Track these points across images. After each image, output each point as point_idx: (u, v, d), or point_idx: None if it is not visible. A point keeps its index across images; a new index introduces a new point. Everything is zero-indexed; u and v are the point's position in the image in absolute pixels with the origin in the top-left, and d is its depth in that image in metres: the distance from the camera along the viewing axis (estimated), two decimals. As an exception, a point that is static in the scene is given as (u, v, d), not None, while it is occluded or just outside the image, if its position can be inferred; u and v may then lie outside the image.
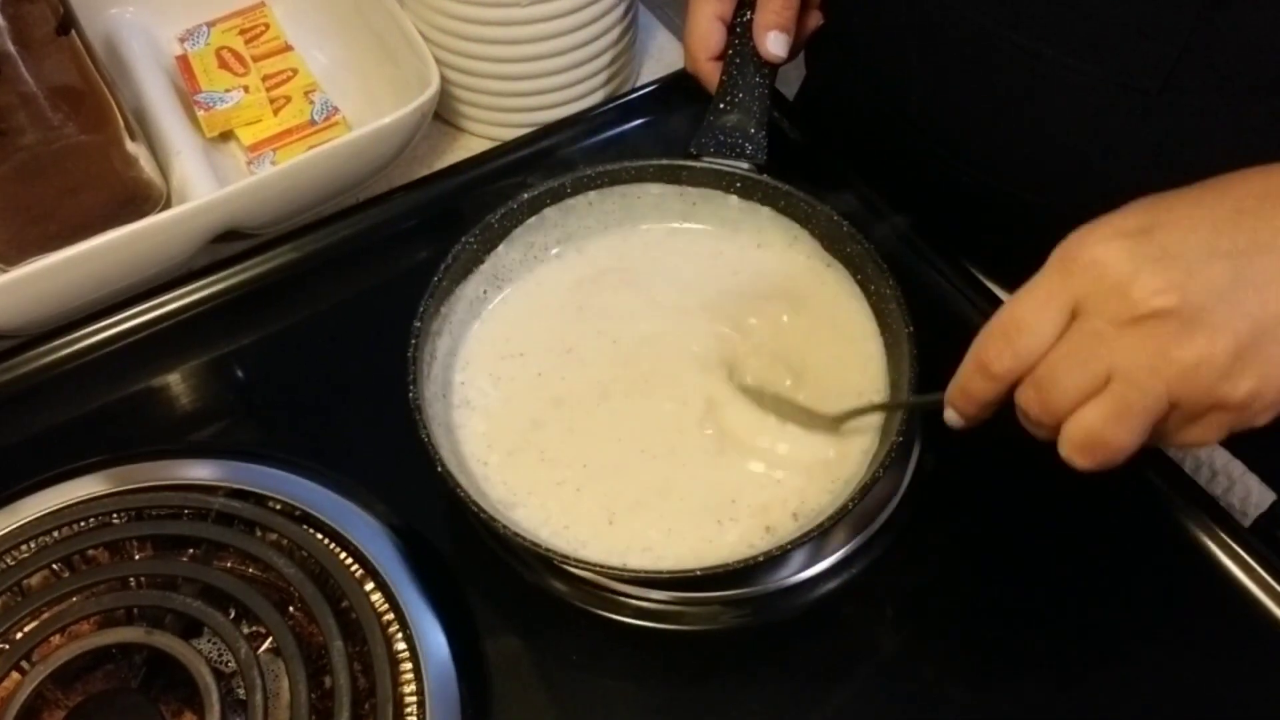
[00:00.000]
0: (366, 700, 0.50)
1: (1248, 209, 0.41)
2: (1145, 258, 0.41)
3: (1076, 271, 0.42)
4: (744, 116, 0.66)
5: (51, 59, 0.72)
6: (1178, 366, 0.40)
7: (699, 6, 0.68)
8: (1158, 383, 0.41)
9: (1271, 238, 0.41)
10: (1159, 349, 0.40)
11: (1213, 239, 0.41)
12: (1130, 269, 0.40)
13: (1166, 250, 0.41)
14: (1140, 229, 0.41)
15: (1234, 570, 0.55)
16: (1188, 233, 0.41)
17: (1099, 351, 0.41)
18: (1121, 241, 0.41)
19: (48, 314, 0.66)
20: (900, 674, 0.54)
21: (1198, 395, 0.41)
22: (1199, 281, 0.40)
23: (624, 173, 0.65)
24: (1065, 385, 0.42)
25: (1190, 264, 0.40)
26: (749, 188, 0.64)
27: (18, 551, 0.56)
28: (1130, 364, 0.41)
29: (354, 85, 0.83)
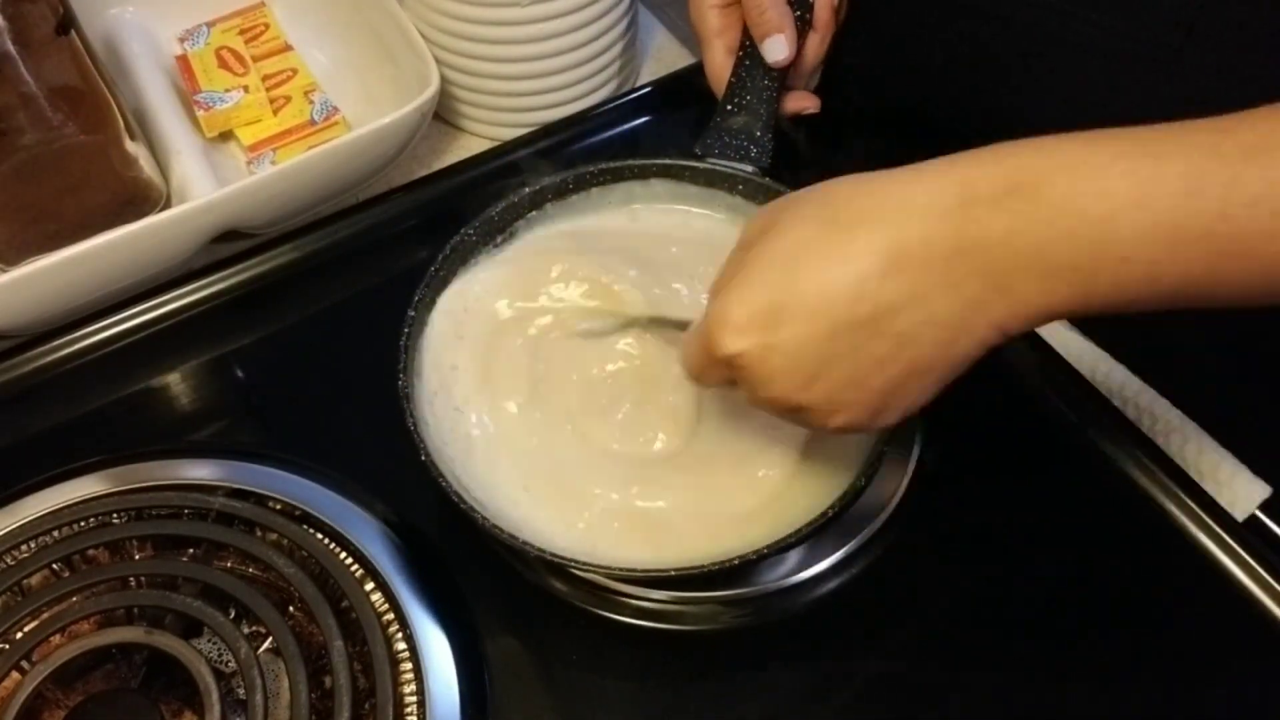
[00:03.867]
0: (367, 700, 0.50)
1: (869, 293, 0.43)
2: (773, 363, 0.45)
3: (722, 359, 0.46)
4: (750, 119, 0.66)
5: (51, 59, 0.72)
6: (829, 429, 0.47)
7: (711, 43, 0.69)
8: (818, 430, 0.49)
9: (885, 321, 0.43)
10: (807, 422, 0.48)
11: (831, 341, 0.44)
12: (762, 374, 0.45)
13: (790, 357, 0.45)
14: (768, 325, 0.44)
15: (1229, 566, 0.55)
16: (809, 337, 0.44)
17: (763, 408, 0.48)
18: (752, 342, 0.45)
19: (48, 314, 0.66)
20: (900, 674, 0.54)
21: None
22: (824, 384, 0.45)
23: (627, 170, 0.65)
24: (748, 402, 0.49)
25: (813, 368, 0.45)
26: (752, 190, 0.64)
27: (18, 551, 0.56)
28: (785, 418, 0.49)
29: (354, 85, 0.83)
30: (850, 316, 0.43)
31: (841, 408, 0.46)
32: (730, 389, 0.50)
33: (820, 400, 0.45)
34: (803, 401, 0.46)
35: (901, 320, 0.43)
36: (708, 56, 0.69)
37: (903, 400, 0.46)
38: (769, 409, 0.48)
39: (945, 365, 0.45)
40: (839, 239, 0.44)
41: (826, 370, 0.44)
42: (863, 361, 0.44)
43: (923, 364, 0.44)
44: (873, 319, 0.43)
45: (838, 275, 0.43)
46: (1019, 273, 0.42)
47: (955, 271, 0.42)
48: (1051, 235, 0.41)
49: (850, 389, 0.45)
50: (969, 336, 0.44)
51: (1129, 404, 0.62)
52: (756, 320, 0.45)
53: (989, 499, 0.59)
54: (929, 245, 0.42)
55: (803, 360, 0.44)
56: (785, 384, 0.45)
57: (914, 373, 0.45)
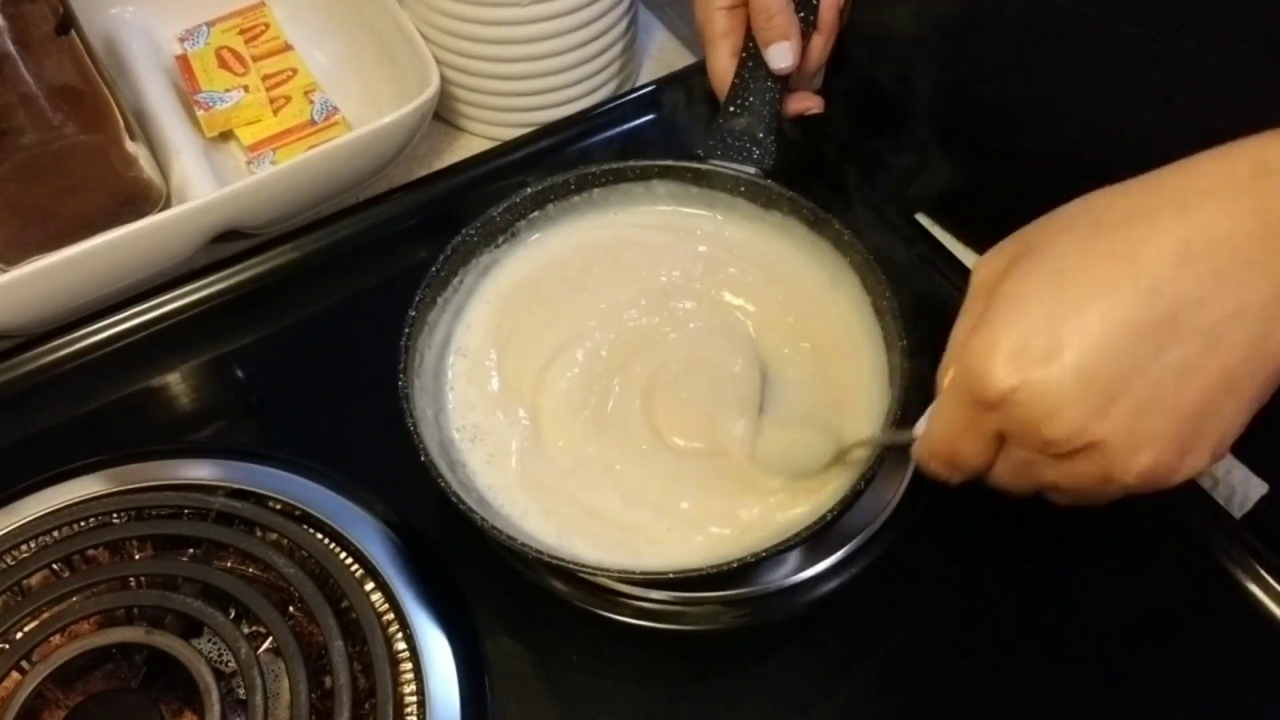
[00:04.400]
0: (366, 700, 0.50)
1: (1163, 286, 0.37)
2: (1059, 391, 0.38)
3: (990, 406, 0.40)
4: (753, 120, 0.66)
5: (51, 59, 0.72)
6: (1129, 479, 0.40)
7: (717, 44, 0.68)
8: (1109, 491, 0.41)
9: (1185, 317, 0.38)
10: (1102, 472, 0.40)
11: (1127, 348, 0.38)
12: (1046, 407, 0.38)
13: (1080, 376, 0.38)
14: (1048, 350, 0.38)
15: (1227, 563, 0.55)
16: (1098, 347, 0.38)
17: (1039, 472, 0.42)
18: (1030, 373, 0.38)
19: (48, 314, 0.66)
20: (900, 673, 0.54)
21: (1150, 490, 0.41)
22: (1124, 405, 0.38)
23: (629, 171, 0.65)
24: (1019, 490, 0.44)
25: (1108, 387, 0.38)
26: (754, 191, 0.64)
27: (18, 551, 0.56)
28: (1077, 484, 0.41)
29: (354, 85, 0.83)
30: (1148, 315, 0.37)
31: (1145, 441, 0.38)
32: (987, 469, 0.44)
33: (1121, 431, 0.38)
34: (1100, 434, 0.38)
35: (1207, 314, 0.37)
36: (712, 58, 0.69)
37: (1215, 425, 0.39)
38: (1050, 467, 0.41)
39: (1262, 372, 0.38)
40: (1116, 236, 0.38)
41: (1126, 388, 0.38)
42: (1167, 371, 0.37)
43: (1236, 370, 0.38)
44: (1173, 316, 0.37)
45: (1124, 273, 0.37)
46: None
47: (1263, 251, 0.37)
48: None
49: (1153, 411, 0.38)
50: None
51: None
52: (1034, 343, 0.38)
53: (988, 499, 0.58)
54: (1230, 224, 0.37)
55: (1096, 378, 0.37)
56: (1078, 412, 0.38)
57: (1227, 383, 0.38)
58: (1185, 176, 0.39)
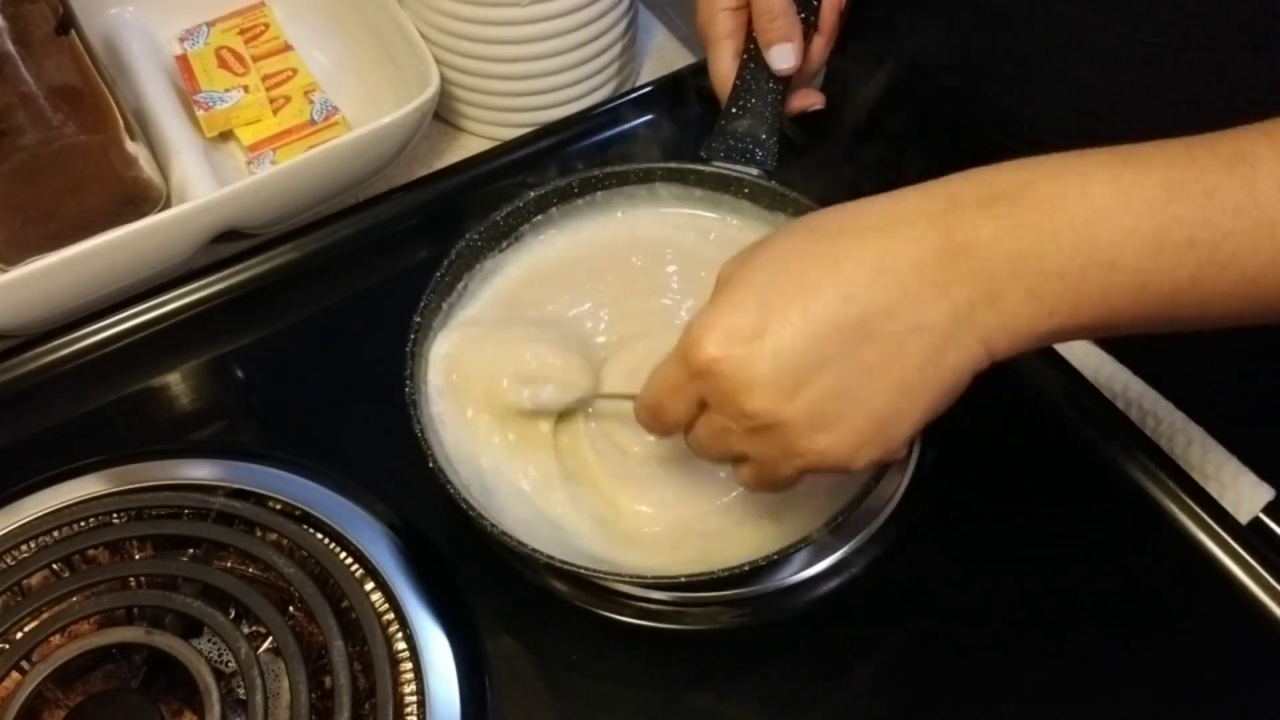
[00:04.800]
0: (366, 700, 0.50)
1: (858, 294, 0.42)
2: (756, 369, 0.42)
3: (696, 373, 0.44)
4: (755, 122, 0.66)
5: (51, 59, 0.72)
6: (808, 457, 0.44)
7: (720, 45, 0.68)
8: (790, 465, 0.45)
9: (875, 323, 0.42)
10: (785, 447, 0.44)
11: (821, 343, 0.42)
12: (743, 381, 0.43)
13: (777, 359, 0.42)
14: (753, 332, 0.42)
15: (1232, 568, 0.55)
16: (796, 337, 0.42)
17: (730, 440, 0.46)
18: (734, 349, 0.42)
19: (48, 314, 0.66)
20: (900, 673, 0.54)
21: (827, 470, 0.45)
22: (811, 391, 0.42)
23: (632, 174, 0.65)
24: (711, 454, 0.48)
25: (799, 373, 0.42)
26: (757, 193, 0.64)
27: (18, 551, 0.56)
28: (762, 455, 0.46)
29: (354, 85, 0.83)
30: (840, 318, 0.42)
31: (824, 425, 0.43)
32: (685, 428, 0.48)
33: (804, 413, 0.43)
34: (787, 413, 0.43)
35: (892, 323, 0.42)
36: (714, 59, 0.69)
37: (891, 424, 0.44)
38: (739, 438, 0.45)
39: (934, 384, 0.43)
40: (825, 246, 0.43)
41: (814, 376, 0.42)
42: (852, 368, 0.42)
43: (913, 378, 0.43)
44: (862, 321, 0.42)
45: (826, 279, 0.42)
46: (1007, 279, 0.41)
47: (944, 274, 0.42)
48: (1037, 239, 0.41)
49: (836, 400, 0.43)
50: (957, 350, 0.42)
51: (1133, 406, 0.62)
52: (743, 325, 0.43)
53: (989, 499, 0.59)
54: (917, 248, 0.42)
55: (788, 365, 0.42)
56: (769, 391, 0.42)
57: (905, 388, 0.43)
58: (893, 204, 0.44)
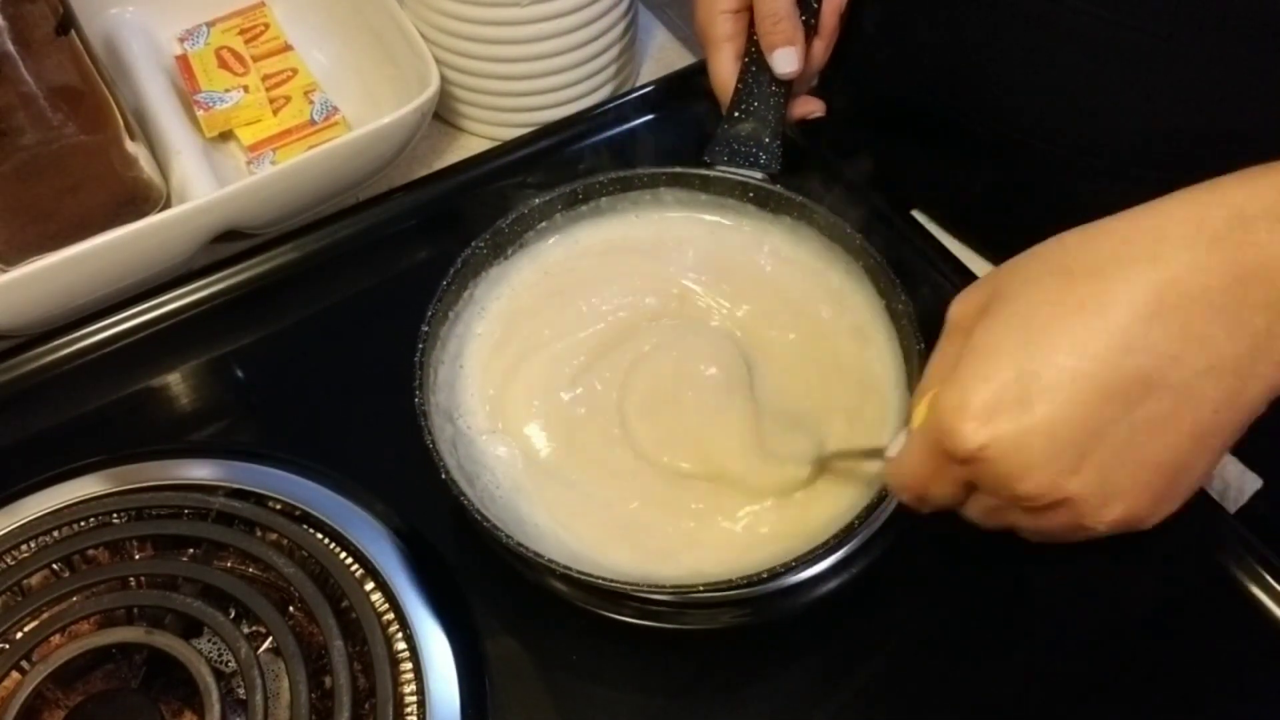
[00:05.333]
0: (366, 700, 0.50)
1: (1135, 344, 0.37)
2: (1030, 449, 0.38)
3: (959, 457, 0.39)
4: (758, 125, 0.66)
5: (51, 59, 0.72)
6: (1099, 530, 0.40)
7: (720, 48, 0.68)
8: (1079, 537, 0.41)
9: (1158, 374, 0.37)
10: (1073, 522, 0.40)
11: (1098, 406, 0.37)
12: (1017, 465, 0.38)
13: (1052, 435, 0.37)
14: (1018, 406, 0.37)
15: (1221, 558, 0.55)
16: (1071, 406, 0.37)
17: (1008, 517, 0.42)
18: (999, 430, 0.38)
19: (48, 314, 0.66)
20: (900, 673, 0.54)
21: (1122, 533, 0.41)
22: (1096, 461, 0.38)
23: (636, 179, 0.64)
24: (988, 527, 0.44)
25: (1080, 445, 0.37)
26: (762, 197, 0.64)
27: (18, 551, 0.56)
28: (1047, 531, 0.41)
29: (354, 85, 0.83)
30: (1119, 374, 0.37)
31: (1117, 494, 0.38)
32: (957, 507, 0.44)
33: (1092, 486, 0.38)
34: (1072, 490, 0.38)
35: (1181, 370, 0.37)
36: (715, 62, 0.69)
37: (1185, 476, 0.39)
38: (1021, 515, 0.41)
39: (1232, 425, 0.38)
40: (1088, 289, 0.38)
41: (1097, 444, 0.37)
42: (1139, 427, 0.37)
43: (1207, 424, 0.38)
44: (1145, 374, 0.36)
45: (1096, 329, 0.37)
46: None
47: (1237, 305, 0.37)
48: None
49: (1125, 467, 0.38)
50: (1256, 384, 0.37)
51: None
52: (1004, 400, 0.37)
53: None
54: (1203, 278, 0.36)
55: (1067, 437, 0.37)
56: (1049, 471, 0.37)
57: (1199, 437, 0.38)
58: (1158, 223, 0.38)
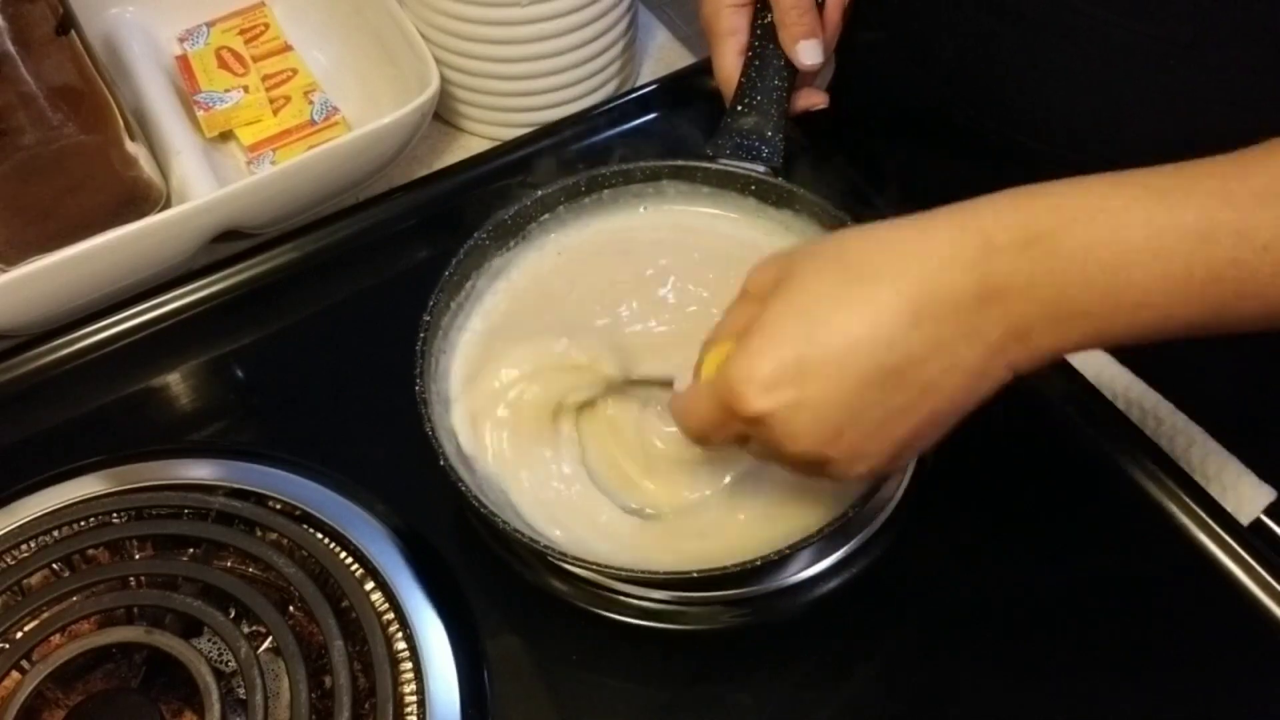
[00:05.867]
0: (367, 699, 0.50)
1: (896, 344, 0.43)
2: (799, 422, 0.44)
3: (744, 419, 0.45)
4: (761, 119, 0.66)
5: (51, 59, 0.72)
6: (847, 478, 0.47)
7: (724, 42, 0.68)
8: (829, 480, 0.48)
9: (910, 372, 0.43)
10: (825, 473, 0.47)
11: (859, 394, 0.43)
12: (787, 433, 0.45)
13: (818, 413, 0.44)
14: (795, 385, 0.44)
15: (1234, 570, 0.55)
16: (837, 392, 0.43)
17: (774, 459, 0.48)
18: (777, 402, 0.44)
19: (48, 314, 0.66)
20: (900, 673, 0.54)
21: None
22: (850, 435, 0.45)
23: (639, 172, 0.65)
24: (756, 457, 0.51)
25: (839, 423, 0.44)
26: (764, 190, 0.64)
27: (18, 551, 0.56)
28: (804, 473, 0.48)
29: (354, 85, 0.83)
30: (878, 368, 0.43)
31: (864, 457, 0.46)
32: (735, 447, 0.50)
33: (845, 452, 0.45)
34: (829, 455, 0.45)
35: (928, 370, 0.43)
36: (719, 56, 0.69)
37: (919, 443, 0.47)
38: (788, 464, 0.48)
39: (961, 409, 0.46)
40: (861, 292, 0.44)
41: (854, 422, 0.44)
42: (890, 411, 0.44)
43: (943, 410, 0.45)
44: (899, 370, 0.43)
45: (865, 328, 0.43)
46: (1039, 321, 0.43)
47: (979, 321, 0.43)
48: (1068, 283, 0.42)
49: (874, 439, 0.45)
50: (988, 380, 0.44)
51: (1134, 407, 0.62)
52: (784, 377, 0.44)
53: (989, 499, 0.59)
54: (955, 295, 0.43)
55: (831, 414, 0.44)
56: (812, 439, 0.45)
57: (934, 418, 0.45)
58: (924, 241, 0.44)
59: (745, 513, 0.56)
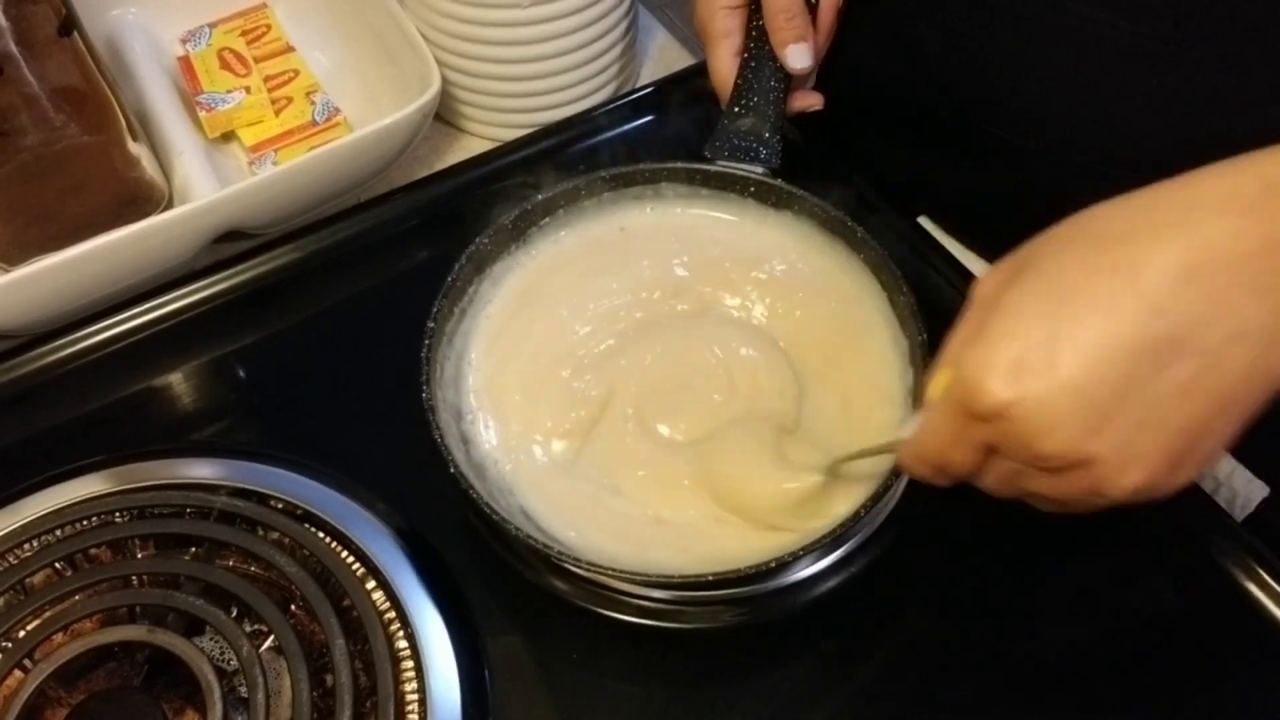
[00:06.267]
0: (368, 698, 0.51)
1: (1166, 305, 0.37)
2: (1056, 407, 0.38)
3: (982, 418, 0.39)
4: (758, 120, 0.66)
5: (54, 60, 0.72)
6: (1116, 496, 0.40)
7: (719, 44, 0.68)
8: (1095, 504, 0.41)
9: (1187, 337, 0.37)
10: (1091, 486, 0.40)
11: (1126, 367, 0.37)
12: (1043, 423, 0.38)
13: (1079, 393, 0.37)
14: (1046, 364, 0.37)
15: (1228, 565, 0.55)
16: (1100, 365, 0.37)
17: (1025, 482, 0.42)
18: (1028, 388, 0.38)
19: (50, 314, 0.67)
20: (899, 673, 0.54)
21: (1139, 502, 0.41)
22: (1120, 424, 0.38)
23: (638, 175, 0.65)
24: (1003, 496, 0.44)
25: (1106, 405, 0.37)
26: (763, 191, 0.64)
27: (20, 550, 0.56)
28: (1063, 495, 0.41)
29: (355, 86, 0.83)
30: (1147, 336, 0.37)
31: (1137, 459, 0.38)
32: (975, 475, 0.44)
33: (1115, 447, 0.38)
34: (1093, 451, 0.38)
35: (1210, 335, 0.37)
36: (714, 58, 0.69)
37: (1205, 443, 0.39)
38: (1039, 479, 0.41)
39: (1255, 392, 0.38)
40: (1120, 252, 0.38)
41: (1121, 406, 0.37)
42: (1165, 391, 0.37)
43: (1230, 392, 0.38)
44: (1174, 336, 0.37)
45: (1127, 290, 0.37)
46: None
47: (1268, 272, 0.37)
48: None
49: (1148, 430, 0.38)
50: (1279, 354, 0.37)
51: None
52: (1032, 359, 0.37)
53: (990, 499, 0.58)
54: (1234, 242, 0.37)
55: (1093, 396, 0.37)
56: (1072, 430, 0.37)
57: (1221, 404, 0.38)
58: (1191, 191, 0.39)
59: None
